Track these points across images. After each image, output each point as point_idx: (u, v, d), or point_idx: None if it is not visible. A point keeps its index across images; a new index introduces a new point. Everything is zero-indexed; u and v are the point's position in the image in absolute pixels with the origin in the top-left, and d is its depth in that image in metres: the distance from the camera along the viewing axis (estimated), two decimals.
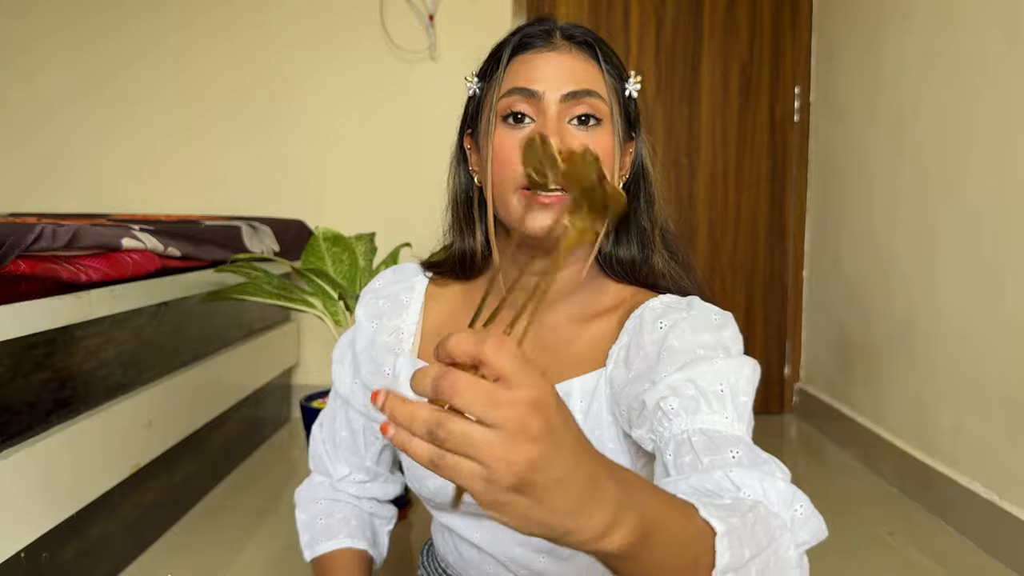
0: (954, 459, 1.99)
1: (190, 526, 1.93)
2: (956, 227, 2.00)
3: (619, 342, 0.85)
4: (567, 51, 0.85)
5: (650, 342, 0.80)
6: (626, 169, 0.91)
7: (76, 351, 1.52)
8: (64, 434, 1.42)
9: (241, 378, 2.36)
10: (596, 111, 0.84)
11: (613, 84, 0.87)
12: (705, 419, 0.71)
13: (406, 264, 1.03)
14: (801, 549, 0.61)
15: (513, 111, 0.84)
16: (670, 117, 3.01)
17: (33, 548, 1.34)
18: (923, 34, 2.17)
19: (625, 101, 0.89)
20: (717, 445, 0.68)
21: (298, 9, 2.92)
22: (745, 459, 0.67)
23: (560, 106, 0.83)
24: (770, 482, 0.64)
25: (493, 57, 0.89)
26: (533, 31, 0.86)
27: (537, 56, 0.85)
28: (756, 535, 0.56)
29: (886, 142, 2.37)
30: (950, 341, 2.02)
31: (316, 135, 2.95)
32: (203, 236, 2.04)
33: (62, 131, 2.96)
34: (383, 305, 0.98)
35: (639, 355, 0.80)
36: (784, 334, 3.06)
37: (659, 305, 0.84)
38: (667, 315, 0.82)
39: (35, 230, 1.34)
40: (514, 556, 0.91)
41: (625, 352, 0.83)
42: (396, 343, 0.96)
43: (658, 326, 0.81)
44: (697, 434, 0.70)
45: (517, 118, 0.84)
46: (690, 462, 0.68)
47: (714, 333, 0.79)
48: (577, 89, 0.83)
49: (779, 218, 3.05)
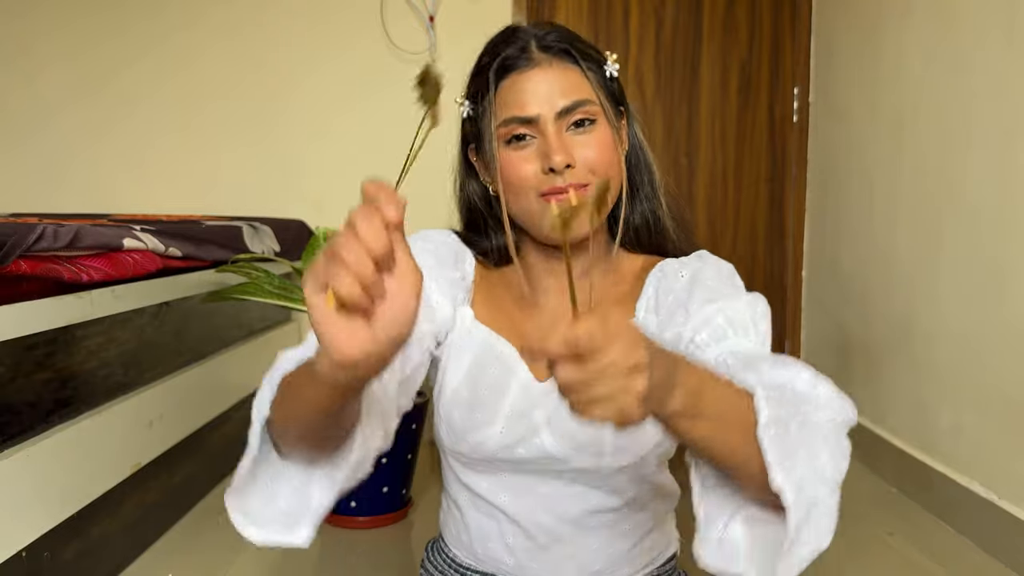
0: (953, 459, 2.00)
1: (190, 526, 1.94)
2: (956, 226, 2.00)
3: (644, 294, 0.94)
4: (547, 64, 0.90)
5: (677, 288, 0.90)
6: (626, 143, 0.98)
7: (77, 351, 1.53)
8: (65, 434, 1.43)
9: (242, 378, 2.37)
10: (589, 115, 0.90)
11: (596, 78, 0.92)
12: (734, 343, 0.81)
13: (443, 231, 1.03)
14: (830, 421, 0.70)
15: (514, 135, 0.90)
16: (669, 117, 3.01)
17: (34, 547, 1.34)
18: (922, 33, 2.17)
19: (609, 85, 0.94)
20: (750, 362, 0.76)
21: (298, 9, 2.93)
22: (779, 361, 0.75)
23: (556, 123, 0.89)
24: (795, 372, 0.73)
25: (478, 77, 0.94)
26: (511, 52, 0.91)
27: (521, 78, 0.90)
28: (786, 395, 0.69)
29: (885, 142, 2.38)
30: (949, 341, 2.02)
31: (316, 135, 2.96)
32: (204, 236, 2.05)
33: (62, 131, 2.96)
34: (446, 252, 0.98)
35: (667, 299, 0.90)
36: (783, 334, 3.07)
37: (675, 261, 0.94)
38: (686, 266, 0.92)
39: (36, 230, 1.34)
40: (538, 520, 0.94)
41: (653, 301, 0.93)
42: (461, 284, 0.97)
43: (679, 275, 0.91)
44: (730, 356, 0.79)
45: (519, 139, 0.90)
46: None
47: (730, 276, 0.91)
48: (568, 104, 0.89)
49: (778, 218, 3.05)
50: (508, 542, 0.96)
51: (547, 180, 0.88)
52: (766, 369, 0.73)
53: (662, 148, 3.01)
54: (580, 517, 0.94)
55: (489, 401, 0.92)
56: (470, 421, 0.93)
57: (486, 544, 0.99)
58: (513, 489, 0.95)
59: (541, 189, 0.89)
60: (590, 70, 0.91)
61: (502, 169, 0.91)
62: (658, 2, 2.98)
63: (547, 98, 0.89)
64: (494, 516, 0.97)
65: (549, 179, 0.88)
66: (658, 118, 3.01)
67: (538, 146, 0.89)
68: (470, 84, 0.96)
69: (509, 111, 0.90)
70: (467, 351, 0.95)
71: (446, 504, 1.06)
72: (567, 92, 0.89)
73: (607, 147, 0.90)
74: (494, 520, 0.97)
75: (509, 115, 0.90)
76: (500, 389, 0.93)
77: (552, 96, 0.89)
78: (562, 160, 0.87)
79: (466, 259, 1.01)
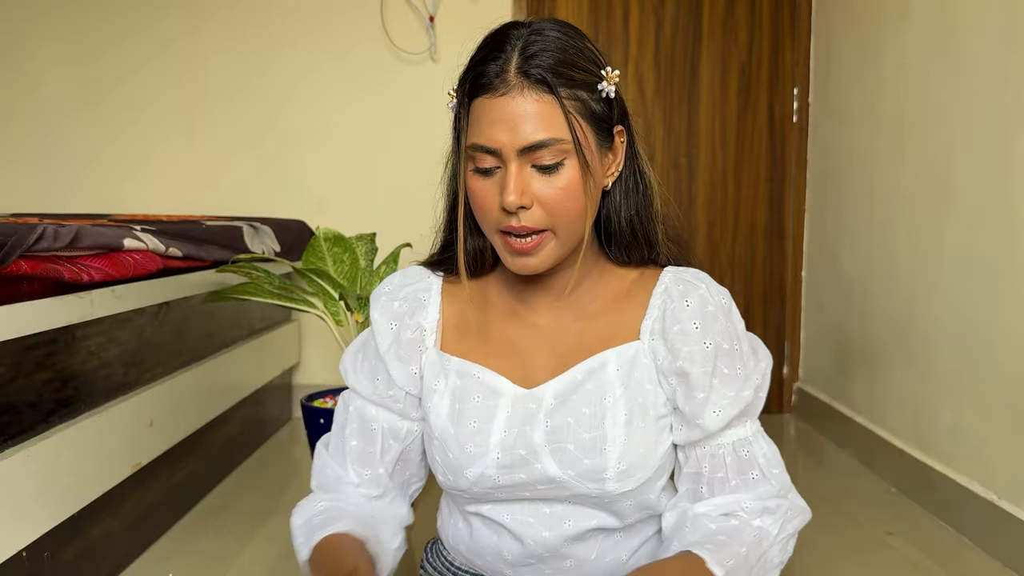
0: (953, 459, 2.00)
1: (191, 525, 1.94)
2: (955, 227, 2.00)
3: (649, 316, 0.93)
4: (520, 92, 0.83)
5: (684, 319, 0.91)
6: (614, 168, 0.92)
7: (78, 351, 1.53)
8: (65, 434, 1.43)
9: (242, 378, 2.37)
10: (557, 156, 0.84)
11: (577, 108, 0.85)
12: (734, 433, 0.93)
13: (411, 267, 1.04)
14: (786, 542, 0.93)
15: (478, 167, 0.86)
16: (669, 117, 3.02)
17: (35, 547, 1.35)
18: (922, 34, 2.18)
19: (598, 111, 0.87)
20: (743, 466, 0.93)
21: (298, 10, 2.93)
22: (760, 479, 0.93)
23: (519, 158, 0.83)
24: (772, 504, 0.92)
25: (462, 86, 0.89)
26: (490, 70, 0.84)
27: (491, 104, 0.83)
28: (748, 560, 0.87)
29: (885, 142, 2.38)
30: (949, 341, 2.03)
31: (317, 136, 2.96)
32: (204, 236, 2.05)
33: (65, 133, 2.97)
34: (399, 306, 0.99)
35: (674, 329, 0.91)
36: (783, 334, 3.07)
37: (676, 280, 0.94)
38: (690, 293, 0.93)
39: (37, 230, 1.34)
40: (540, 538, 0.94)
41: (660, 325, 0.92)
42: (420, 340, 0.98)
43: (684, 304, 0.92)
44: (730, 452, 0.93)
45: (484, 170, 0.86)
46: (721, 479, 0.93)
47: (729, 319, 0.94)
48: (534, 143, 0.82)
49: (778, 218, 3.06)
50: (507, 556, 0.96)
51: (504, 218, 0.85)
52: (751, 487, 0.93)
53: (662, 149, 3.01)
54: (582, 534, 0.94)
55: (479, 430, 0.92)
56: (464, 457, 0.92)
57: (484, 556, 0.99)
58: (516, 511, 0.95)
59: (499, 226, 0.86)
60: (572, 99, 0.84)
61: (469, 193, 0.88)
62: (658, 2, 2.98)
63: (513, 131, 0.83)
64: (495, 530, 0.97)
65: (505, 217, 0.85)
66: (658, 118, 3.01)
67: (499, 177, 0.85)
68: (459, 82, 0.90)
69: (476, 137, 0.85)
70: (445, 390, 0.95)
71: (446, 509, 1.06)
72: (537, 127, 0.82)
73: (571, 190, 0.85)
74: (495, 534, 0.97)
75: (475, 140, 0.85)
76: (487, 413, 0.93)
77: (520, 129, 0.82)
78: (514, 202, 0.83)
79: (428, 302, 0.99)
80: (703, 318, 0.91)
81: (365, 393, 1.00)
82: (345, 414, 1.03)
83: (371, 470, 1.00)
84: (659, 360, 0.92)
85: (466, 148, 0.87)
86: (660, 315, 0.92)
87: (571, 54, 0.85)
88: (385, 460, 1.00)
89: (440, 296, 0.99)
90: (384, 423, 1.00)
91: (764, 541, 0.90)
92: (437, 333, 0.98)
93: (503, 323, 0.97)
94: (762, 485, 0.93)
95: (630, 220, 0.95)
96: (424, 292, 0.99)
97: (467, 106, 0.87)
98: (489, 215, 0.87)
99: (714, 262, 3.03)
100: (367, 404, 1.01)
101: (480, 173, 0.87)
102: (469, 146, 0.86)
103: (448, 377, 0.96)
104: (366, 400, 1.01)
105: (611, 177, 0.92)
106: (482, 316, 0.98)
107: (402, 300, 0.99)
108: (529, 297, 0.97)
